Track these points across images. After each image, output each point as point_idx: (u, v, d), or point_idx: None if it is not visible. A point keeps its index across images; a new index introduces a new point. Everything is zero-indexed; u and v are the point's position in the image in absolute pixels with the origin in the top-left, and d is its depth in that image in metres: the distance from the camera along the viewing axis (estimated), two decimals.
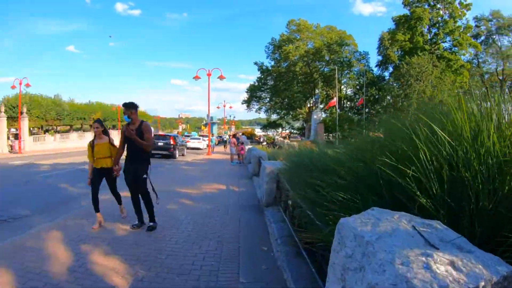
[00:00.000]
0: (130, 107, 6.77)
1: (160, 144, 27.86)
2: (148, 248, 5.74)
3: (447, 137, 2.62)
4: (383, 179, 2.82)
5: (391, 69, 71.19)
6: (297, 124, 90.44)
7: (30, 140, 43.15)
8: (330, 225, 2.99)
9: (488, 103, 3.01)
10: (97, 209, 6.95)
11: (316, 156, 5.17)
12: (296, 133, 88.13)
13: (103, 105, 67.34)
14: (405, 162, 2.69)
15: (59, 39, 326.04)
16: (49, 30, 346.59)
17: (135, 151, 6.73)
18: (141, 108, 70.78)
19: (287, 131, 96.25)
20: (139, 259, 5.22)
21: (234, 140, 25.22)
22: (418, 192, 2.57)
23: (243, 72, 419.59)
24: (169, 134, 32.26)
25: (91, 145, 7.17)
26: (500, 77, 65.79)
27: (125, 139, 6.74)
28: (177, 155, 28.98)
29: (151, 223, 6.89)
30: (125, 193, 7.39)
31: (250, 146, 27.72)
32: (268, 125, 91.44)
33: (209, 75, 32.03)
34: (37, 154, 33.15)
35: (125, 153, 7.01)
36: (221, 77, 31.86)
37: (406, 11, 64.89)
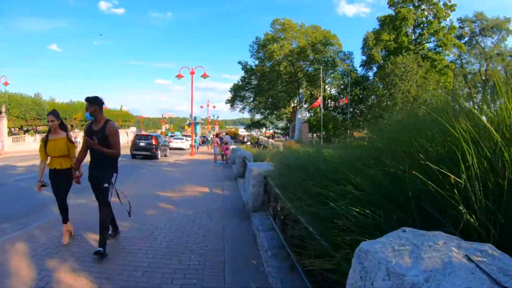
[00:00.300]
0: (94, 102, 5.76)
1: (141, 144, 27.26)
2: (122, 264, 5.04)
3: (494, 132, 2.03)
4: (412, 189, 2.18)
5: (375, 69, 71.45)
6: (281, 124, 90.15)
7: (10, 141, 42.00)
8: (341, 247, 2.34)
9: None
10: (65, 219, 5.99)
11: (318, 158, 4.49)
12: (280, 133, 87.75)
13: (84, 104, 65.17)
14: (440, 167, 2.07)
15: (42, 37, 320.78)
16: (31, 28, 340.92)
17: (98, 157, 5.62)
18: (125, 108, 69.98)
19: (271, 131, 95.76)
20: (110, 277, 4.54)
21: (217, 140, 24.52)
22: (462, 207, 1.94)
23: (227, 71, 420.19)
24: (151, 134, 31.34)
25: (44, 140, 5.96)
26: (483, 78, 66.53)
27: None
28: (159, 156, 28.11)
29: (100, 249, 5.20)
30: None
31: (234, 146, 27.11)
32: (252, 125, 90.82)
33: (192, 73, 31.26)
34: (16, 155, 32.38)
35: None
36: (204, 76, 31.14)
37: (391, 12, 65.27)
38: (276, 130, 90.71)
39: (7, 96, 46.02)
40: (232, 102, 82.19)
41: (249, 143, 48.39)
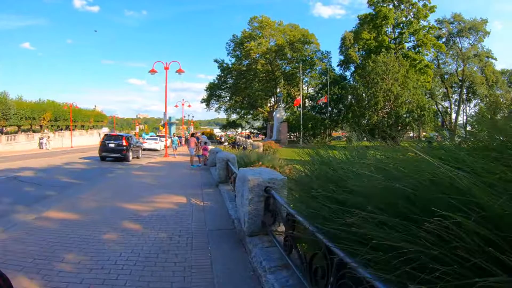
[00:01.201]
0: None
1: (111, 145, 25.40)
2: None
3: None
4: None
5: (352, 68, 70.95)
6: (257, 124, 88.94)
7: None
8: None
9: None
10: None
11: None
12: (256, 133, 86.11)
13: (54, 103, 62.69)
14: None
15: (14, 35, 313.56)
16: (3, 25, 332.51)
17: None
18: (99, 108, 67.78)
19: (247, 131, 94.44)
20: None
21: (193, 140, 22.34)
22: None
23: (202, 71, 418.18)
24: (121, 134, 29.17)
25: None
26: (460, 78, 66.61)
27: None
28: (130, 158, 26.23)
29: None
30: None
31: (212, 147, 25.16)
32: (228, 124, 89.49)
33: (166, 68, 29.11)
34: None
35: None
36: (179, 71, 29.00)
37: (365, 12, 65.30)
38: (252, 130, 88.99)
39: None
40: (207, 101, 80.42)
41: (226, 143, 46.33)
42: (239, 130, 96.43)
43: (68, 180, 15.07)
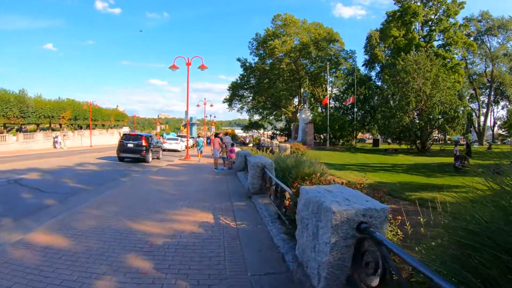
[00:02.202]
0: None
1: (129, 146, 23.90)
2: None
3: None
4: None
5: (378, 68, 68.20)
6: (280, 125, 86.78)
7: None
8: None
9: None
10: None
11: None
12: (279, 134, 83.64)
13: (74, 102, 61.43)
14: None
15: (37, 36, 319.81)
16: (27, 27, 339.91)
17: None
18: (120, 108, 66.68)
19: (270, 132, 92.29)
20: None
21: (217, 140, 20.11)
22: None
23: (223, 73, 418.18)
24: (140, 133, 27.65)
25: None
26: (488, 78, 63.67)
27: None
28: (150, 159, 24.76)
29: None
30: None
31: (238, 149, 23.04)
32: (250, 125, 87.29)
33: (188, 64, 27.09)
34: None
35: None
36: (202, 67, 26.94)
37: (386, 11, 62.24)
38: (275, 131, 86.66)
39: None
40: (230, 101, 78.50)
41: (251, 144, 44.09)
42: (261, 131, 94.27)
43: (75, 185, 13.25)
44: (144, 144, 24.04)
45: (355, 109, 60.75)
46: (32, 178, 14.50)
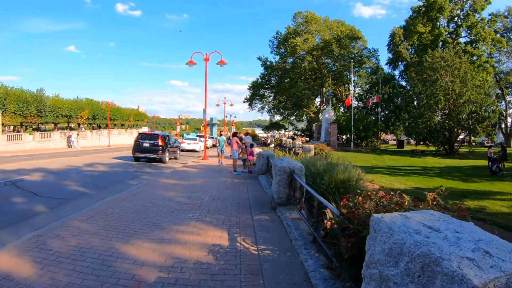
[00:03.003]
0: None
1: (145, 145, 22.80)
2: None
3: None
4: None
5: (402, 67, 65.87)
6: (301, 125, 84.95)
7: (4, 139, 37.83)
8: None
9: None
10: None
11: None
12: (300, 134, 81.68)
13: (92, 101, 60.84)
14: None
15: (59, 38, 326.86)
16: (50, 30, 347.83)
17: None
18: (141, 109, 66.18)
19: (290, 132, 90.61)
20: None
21: (235, 140, 18.42)
22: None
23: (243, 73, 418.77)
24: (156, 133, 26.30)
25: None
26: None
27: None
28: (167, 159, 23.65)
29: None
30: None
31: (259, 150, 21.35)
32: (271, 126, 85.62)
33: (206, 60, 25.57)
34: (6, 155, 28.11)
35: None
36: (221, 63, 25.39)
37: (407, 10, 59.48)
38: (296, 132, 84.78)
39: (3, 90, 41.09)
40: (250, 100, 76.76)
41: (272, 145, 42.29)
42: (282, 131, 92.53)
43: (76, 188, 11.92)
44: (160, 143, 22.89)
45: (380, 109, 58.53)
46: (32, 180, 13.34)
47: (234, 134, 20.29)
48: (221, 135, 21.90)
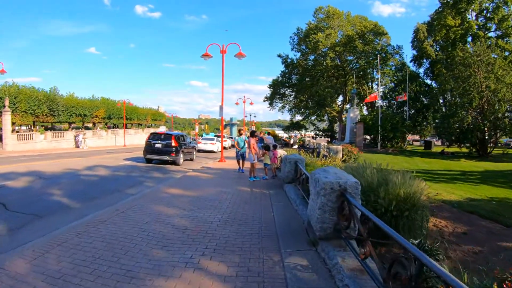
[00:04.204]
0: None
1: (157, 146, 21.09)
2: None
3: None
4: None
5: (427, 64, 63.59)
6: (323, 125, 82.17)
7: (14, 138, 36.56)
8: None
9: None
10: None
11: None
12: (321, 135, 78.88)
13: (108, 100, 59.24)
14: None
15: (80, 40, 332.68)
16: (70, 32, 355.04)
17: None
18: (161, 109, 65.18)
19: (312, 132, 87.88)
20: None
21: (254, 141, 15.72)
22: None
23: (263, 74, 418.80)
24: (170, 132, 24.50)
25: None
26: None
27: None
28: (181, 161, 21.58)
29: None
30: None
31: (283, 152, 18.88)
32: (291, 126, 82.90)
33: (223, 52, 23.25)
34: (13, 155, 27.32)
35: None
36: (239, 55, 22.96)
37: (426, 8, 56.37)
38: (317, 132, 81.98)
39: (14, 88, 39.58)
40: (271, 99, 74.09)
41: (296, 146, 39.67)
42: (303, 131, 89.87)
43: (59, 199, 9.74)
44: (173, 144, 20.93)
45: (407, 108, 55.33)
46: (15, 186, 11.35)
47: (252, 134, 16.73)
48: (240, 134, 17.23)
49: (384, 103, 61.91)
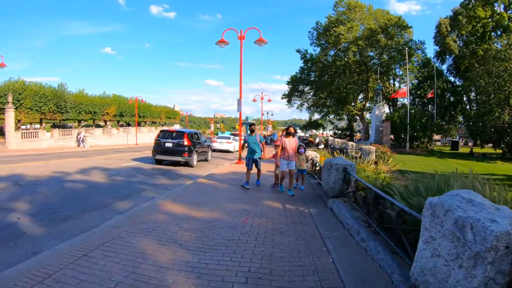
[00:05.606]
0: None
1: (168, 145, 18.54)
2: None
3: None
4: None
5: (450, 60, 61.51)
6: (342, 124, 79.25)
7: (17, 136, 34.55)
8: None
9: None
10: None
11: None
12: (340, 134, 75.78)
13: (120, 98, 56.88)
14: None
15: (96, 41, 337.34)
16: (86, 32, 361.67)
17: None
18: (177, 108, 64.13)
19: (330, 131, 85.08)
20: None
21: (292, 142, 11.82)
22: None
23: (278, 73, 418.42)
24: (181, 130, 21.83)
25: None
26: None
27: None
28: (194, 162, 19.01)
29: None
30: None
31: (313, 153, 15.90)
32: (309, 125, 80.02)
33: (241, 38, 20.35)
34: (11, 154, 25.70)
35: None
36: (260, 41, 20.07)
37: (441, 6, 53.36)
38: (336, 131, 79.04)
39: (19, 84, 37.40)
40: (289, 97, 70.99)
41: (321, 146, 36.47)
42: (321, 131, 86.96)
43: (14, 219, 6.99)
44: (186, 143, 18.37)
45: (434, 106, 51.83)
46: None
47: (288, 133, 11.38)
48: (252, 131, 12.55)
49: (408, 101, 58.80)
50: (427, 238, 3.35)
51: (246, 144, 12.45)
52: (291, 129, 11.28)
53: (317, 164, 13.70)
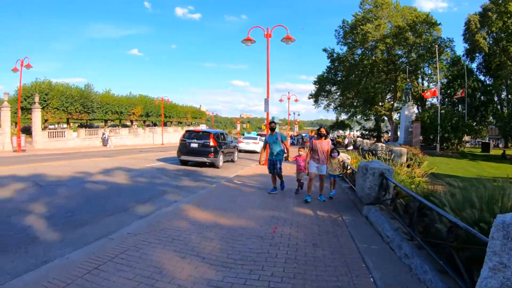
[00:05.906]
0: None
1: (193, 146, 18.23)
2: None
3: None
4: None
5: (480, 58, 59.56)
6: (369, 124, 77.85)
7: (44, 136, 35.11)
8: None
9: None
10: None
11: None
12: (367, 135, 74.30)
13: (146, 98, 57.43)
14: None
15: (123, 43, 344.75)
16: (113, 35, 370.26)
17: None
18: (203, 108, 65.13)
19: (357, 132, 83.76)
20: None
21: (324, 144, 10.62)
22: None
23: (304, 73, 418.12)
24: (207, 130, 21.71)
25: None
26: None
27: None
28: (220, 163, 18.69)
29: None
30: None
31: (345, 156, 15.25)
32: (336, 125, 78.86)
33: (268, 36, 19.81)
34: (37, 153, 25.95)
35: None
36: (287, 38, 19.55)
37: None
38: (364, 132, 77.62)
39: (46, 85, 38.38)
40: (316, 97, 70.10)
41: (351, 147, 35.48)
42: (347, 131, 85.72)
43: (30, 222, 6.68)
44: (212, 144, 18.03)
45: (465, 105, 50.09)
46: None
47: (320, 134, 10.01)
48: (272, 130, 11.14)
49: (438, 101, 57.16)
50: (495, 264, 2.79)
51: (267, 145, 11.13)
52: (323, 130, 9.93)
53: (349, 167, 12.95)
